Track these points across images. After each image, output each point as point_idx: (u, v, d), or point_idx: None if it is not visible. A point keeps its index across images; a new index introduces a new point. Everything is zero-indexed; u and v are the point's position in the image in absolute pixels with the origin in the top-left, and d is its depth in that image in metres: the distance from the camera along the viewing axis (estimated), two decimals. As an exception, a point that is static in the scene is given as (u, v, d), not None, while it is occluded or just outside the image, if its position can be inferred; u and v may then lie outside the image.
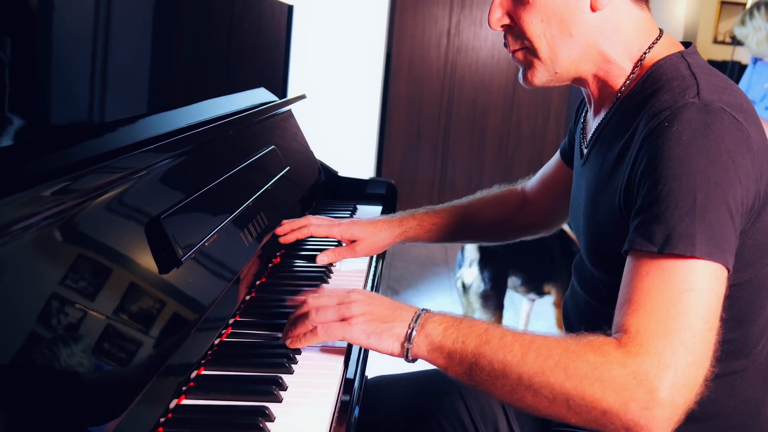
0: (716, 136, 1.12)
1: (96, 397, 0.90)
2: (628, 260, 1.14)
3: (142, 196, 1.17)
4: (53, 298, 0.89)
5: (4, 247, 0.83)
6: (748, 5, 3.99)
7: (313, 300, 1.27)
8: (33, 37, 1.03)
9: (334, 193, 2.32)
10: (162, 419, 1.03)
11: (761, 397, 1.32)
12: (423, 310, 1.23)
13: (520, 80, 1.37)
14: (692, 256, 1.07)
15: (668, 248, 1.07)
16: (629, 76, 1.31)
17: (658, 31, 1.33)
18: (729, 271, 1.11)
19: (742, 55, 5.36)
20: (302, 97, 2.31)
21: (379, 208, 2.28)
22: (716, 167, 1.10)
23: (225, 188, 1.47)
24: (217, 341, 1.30)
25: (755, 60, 4.00)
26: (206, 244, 1.27)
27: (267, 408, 1.07)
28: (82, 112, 1.18)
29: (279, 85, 2.37)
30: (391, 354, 1.22)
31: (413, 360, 1.20)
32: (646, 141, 1.17)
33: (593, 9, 1.26)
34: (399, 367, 1.62)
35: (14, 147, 1.00)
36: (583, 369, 1.04)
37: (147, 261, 1.11)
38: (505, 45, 1.36)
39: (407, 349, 1.19)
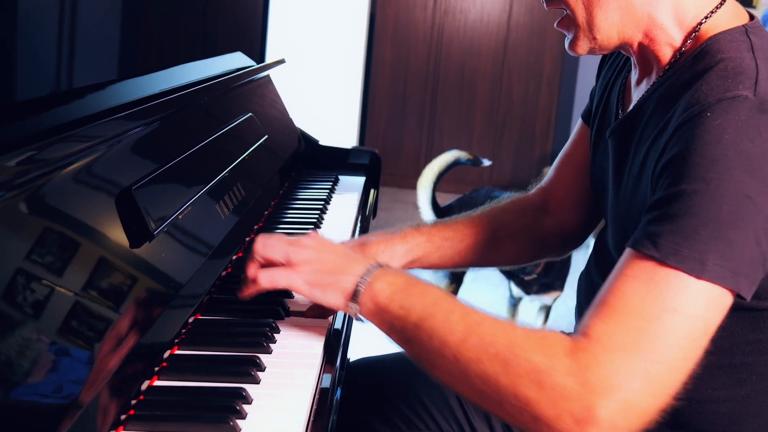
0: (765, 143, 1.01)
1: (63, 378, 0.90)
2: (625, 254, 1.06)
3: (112, 166, 1.17)
4: (18, 273, 0.88)
5: (-35, 221, 0.83)
6: None
7: (261, 239, 1.23)
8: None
9: (315, 162, 2.32)
10: (133, 401, 1.04)
11: None
12: (379, 265, 1.17)
13: (567, 48, 1.26)
14: (695, 276, 0.98)
15: (672, 261, 0.99)
16: (680, 48, 1.20)
17: None
18: (744, 299, 1.02)
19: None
20: (281, 61, 2.30)
21: (362, 179, 2.28)
22: (755, 179, 0.99)
23: (200, 158, 1.46)
24: (191, 319, 1.30)
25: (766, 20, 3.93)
26: (180, 216, 1.27)
27: (244, 389, 1.07)
28: (49, 77, 1.17)
29: (257, 49, 2.36)
30: (337, 309, 1.18)
31: (361, 320, 1.16)
32: (681, 128, 1.07)
33: None
34: (383, 349, 1.62)
35: (-24, 114, 0.99)
36: (524, 368, 0.98)
37: (117, 234, 1.10)
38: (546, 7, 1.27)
39: (353, 308, 1.15)
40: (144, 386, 1.08)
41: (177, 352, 1.19)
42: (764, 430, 1.27)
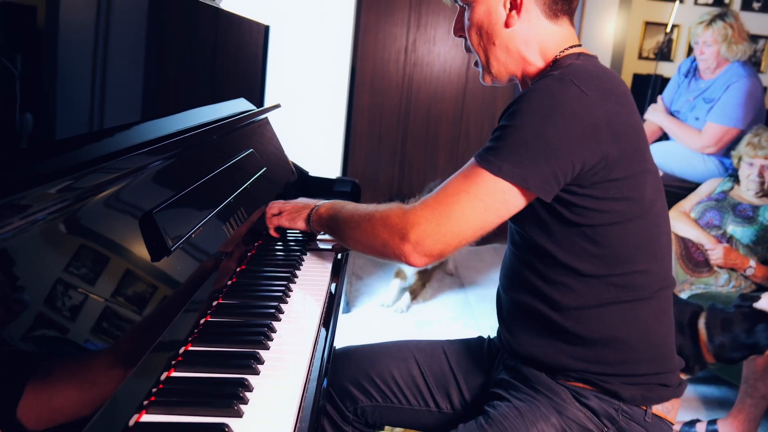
0: (556, 100, 1.28)
1: (96, 370, 0.90)
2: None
3: (136, 193, 1.17)
4: (58, 283, 0.89)
5: (15, 238, 0.83)
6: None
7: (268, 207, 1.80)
8: (40, 55, 1.03)
9: (305, 190, 2.33)
10: (154, 390, 1.04)
11: (654, 329, 1.41)
12: (320, 204, 1.68)
13: (480, 80, 1.53)
14: (493, 174, 1.28)
15: (484, 164, 1.30)
16: (541, 71, 1.45)
17: (576, 42, 1.46)
18: (539, 197, 1.30)
19: (663, 69, 5.42)
20: (277, 106, 2.30)
21: (344, 205, 2.28)
22: (546, 123, 1.27)
23: (209, 186, 1.47)
24: (202, 321, 1.30)
25: (687, 73, 3.86)
26: (193, 235, 1.28)
27: (246, 379, 1.08)
28: (84, 119, 1.18)
29: (257, 96, 2.37)
30: (303, 229, 1.71)
31: (316, 231, 1.70)
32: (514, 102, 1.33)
33: (507, 26, 1.43)
34: (365, 339, 1.63)
35: (24, 150, 1.00)
36: (379, 219, 1.40)
37: (141, 251, 1.11)
38: (467, 50, 1.53)
39: (310, 225, 1.68)
40: (163, 377, 1.08)
41: (190, 348, 1.20)
42: (640, 334, 1.40)
